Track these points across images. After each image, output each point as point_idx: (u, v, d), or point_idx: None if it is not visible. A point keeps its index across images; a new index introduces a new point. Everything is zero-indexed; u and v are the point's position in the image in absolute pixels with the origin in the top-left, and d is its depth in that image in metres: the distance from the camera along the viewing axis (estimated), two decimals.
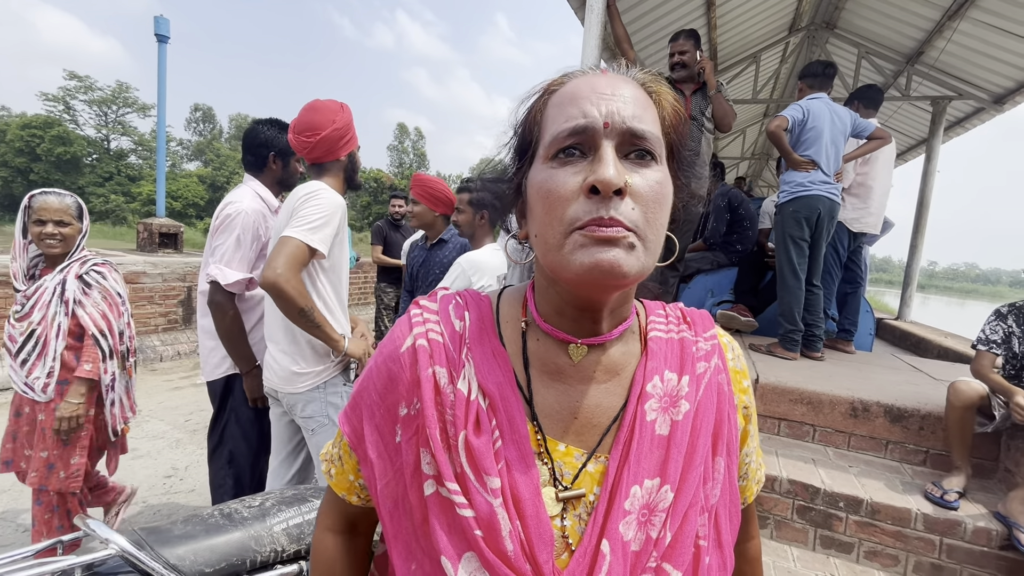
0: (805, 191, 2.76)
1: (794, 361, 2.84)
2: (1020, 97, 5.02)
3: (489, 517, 0.44)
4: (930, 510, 1.83)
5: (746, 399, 0.58)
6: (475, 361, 0.50)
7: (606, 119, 0.44)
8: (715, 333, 0.59)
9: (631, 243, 0.42)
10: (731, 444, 0.54)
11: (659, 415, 0.50)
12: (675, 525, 0.47)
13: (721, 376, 0.55)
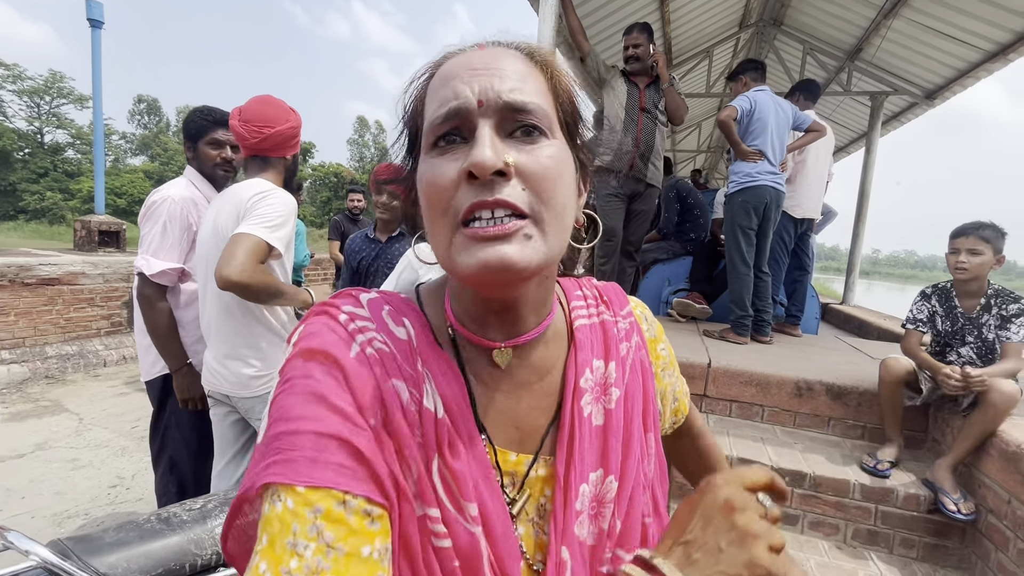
0: (753, 181, 2.86)
1: (745, 345, 2.95)
2: (949, 93, 5.34)
3: (471, 548, 0.41)
4: (867, 480, 1.94)
5: (662, 362, 0.61)
6: (433, 374, 0.45)
7: (479, 97, 0.40)
8: (630, 308, 0.60)
9: (527, 233, 0.39)
10: (656, 416, 0.55)
11: (593, 407, 0.50)
12: (622, 512, 0.48)
13: (642, 352, 0.57)
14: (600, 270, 3.31)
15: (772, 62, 7.01)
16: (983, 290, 2.02)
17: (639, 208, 3.26)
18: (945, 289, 2.10)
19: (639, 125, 3.10)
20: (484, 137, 0.39)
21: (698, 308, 3.53)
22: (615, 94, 3.17)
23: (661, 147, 3.22)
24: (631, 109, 3.11)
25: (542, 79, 0.45)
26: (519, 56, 0.45)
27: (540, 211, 0.40)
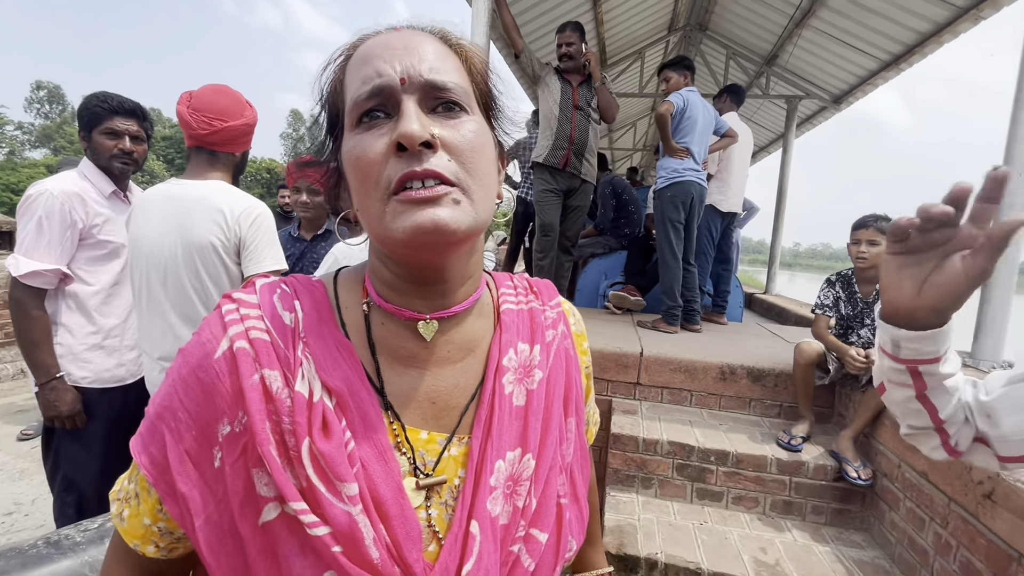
0: (680, 177, 3.00)
1: (675, 334, 3.10)
2: (853, 98, 5.84)
3: (349, 529, 0.40)
4: (782, 455, 2.10)
5: (587, 360, 0.63)
6: (315, 357, 0.45)
7: (402, 75, 0.42)
8: (559, 301, 0.61)
9: (455, 199, 0.41)
10: (579, 404, 0.57)
11: (515, 387, 0.51)
12: (539, 491, 0.48)
13: (567, 341, 0.59)
14: (538, 264, 3.36)
15: (699, 65, 7.37)
16: (879, 277, 2.22)
17: (575, 204, 3.33)
18: (847, 276, 2.30)
19: (573, 122, 3.16)
20: (410, 111, 0.41)
21: (632, 300, 3.66)
22: (549, 91, 3.22)
23: (595, 144, 3.30)
24: (565, 106, 3.17)
25: (457, 60, 0.47)
26: (434, 39, 0.47)
27: (465, 180, 0.42)
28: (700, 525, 2.01)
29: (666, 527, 1.97)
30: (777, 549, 1.88)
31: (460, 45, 0.49)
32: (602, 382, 2.60)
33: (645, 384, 2.57)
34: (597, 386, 2.60)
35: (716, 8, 6.03)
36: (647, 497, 2.18)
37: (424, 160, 0.41)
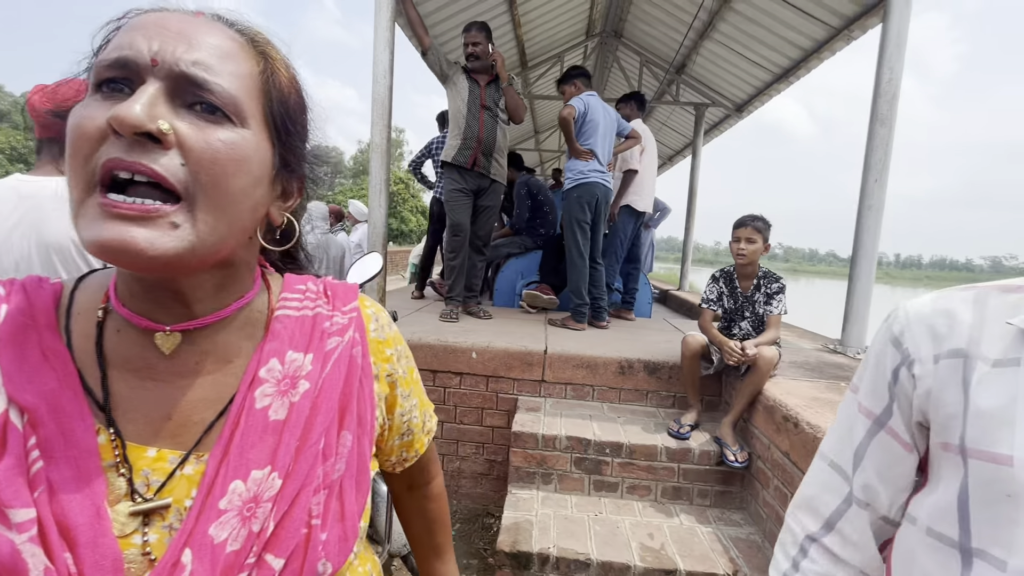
0: (585, 178, 3.08)
1: (583, 331, 3.18)
2: (752, 107, 6.29)
3: (12, 560, 0.35)
4: (671, 443, 2.20)
5: (390, 367, 0.59)
6: (4, 368, 0.40)
7: (155, 56, 0.37)
8: (356, 306, 0.58)
9: (174, 222, 0.37)
10: (363, 416, 0.53)
11: (274, 399, 0.47)
12: (280, 512, 0.45)
13: (356, 349, 0.55)
14: (449, 265, 3.33)
15: (616, 71, 7.66)
16: (755, 272, 2.39)
17: (485, 204, 3.33)
18: (728, 273, 2.46)
19: (480, 122, 3.16)
20: (142, 94, 0.36)
21: (546, 299, 3.73)
22: (457, 91, 3.20)
23: (504, 144, 3.31)
24: (472, 106, 3.16)
25: (251, 66, 0.43)
26: (227, 33, 0.42)
27: (197, 195, 0.38)
28: (595, 516, 2.07)
29: (562, 521, 2.01)
30: (664, 534, 1.97)
31: (266, 52, 0.45)
32: (508, 381, 2.62)
33: (549, 381, 2.62)
34: (503, 385, 2.62)
35: (629, 17, 6.29)
36: (547, 492, 2.22)
37: (144, 154, 0.36)
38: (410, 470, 0.68)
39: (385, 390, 0.58)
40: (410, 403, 0.63)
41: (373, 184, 3.12)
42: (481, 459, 2.67)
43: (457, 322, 3.17)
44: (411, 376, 0.63)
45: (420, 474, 0.70)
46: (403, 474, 0.69)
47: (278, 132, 0.46)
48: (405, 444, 0.64)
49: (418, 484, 0.72)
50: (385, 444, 0.62)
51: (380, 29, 3.01)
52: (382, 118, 3.06)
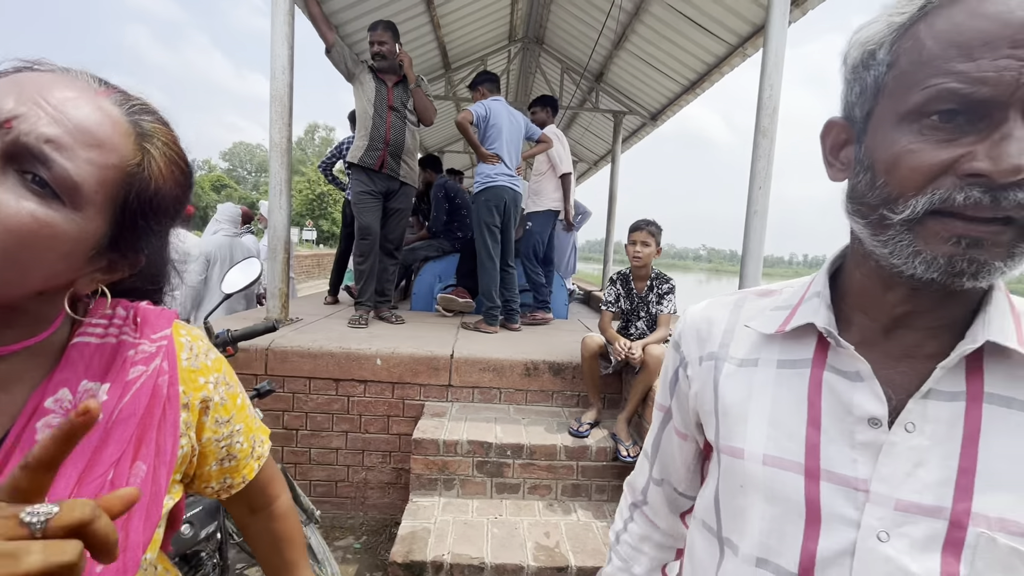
0: (492, 182, 3.11)
1: (495, 334, 3.20)
2: (665, 116, 6.63)
3: None
4: (570, 442, 2.26)
5: (204, 394, 0.58)
6: None
7: (10, 118, 0.37)
8: (168, 335, 0.56)
9: None
10: (163, 446, 0.52)
11: None
12: None
13: (163, 378, 0.53)
14: (358, 269, 3.23)
15: (539, 77, 7.81)
16: (649, 274, 2.51)
17: (395, 206, 3.27)
18: (625, 275, 2.56)
19: (388, 123, 3.10)
20: None
21: (461, 302, 3.71)
22: (363, 90, 3.12)
23: (414, 146, 3.27)
24: (379, 107, 3.09)
25: (119, 158, 0.42)
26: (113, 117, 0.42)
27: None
28: (495, 519, 2.07)
29: (461, 526, 2.00)
30: (560, 531, 2.01)
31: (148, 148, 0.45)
32: (415, 387, 2.58)
33: (456, 385, 2.60)
34: (410, 391, 2.57)
35: (549, 24, 6.43)
36: (448, 498, 2.20)
37: None
38: (246, 494, 0.68)
39: (195, 418, 0.57)
40: (230, 429, 0.62)
41: (273, 185, 2.96)
42: (388, 468, 2.60)
43: (366, 327, 3.08)
44: (233, 403, 0.63)
45: (259, 496, 0.71)
46: (240, 498, 0.68)
47: (122, 220, 0.45)
48: (228, 470, 0.63)
49: (260, 506, 0.72)
50: (201, 471, 0.61)
51: (278, 23, 2.87)
52: (281, 116, 2.92)
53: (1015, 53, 0.34)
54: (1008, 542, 0.37)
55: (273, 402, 2.50)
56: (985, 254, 0.36)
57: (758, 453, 0.48)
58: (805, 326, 0.48)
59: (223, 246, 4.03)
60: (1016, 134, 0.34)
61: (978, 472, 0.39)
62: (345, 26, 4.78)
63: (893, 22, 0.40)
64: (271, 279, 3.01)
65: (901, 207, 0.39)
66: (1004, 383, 0.40)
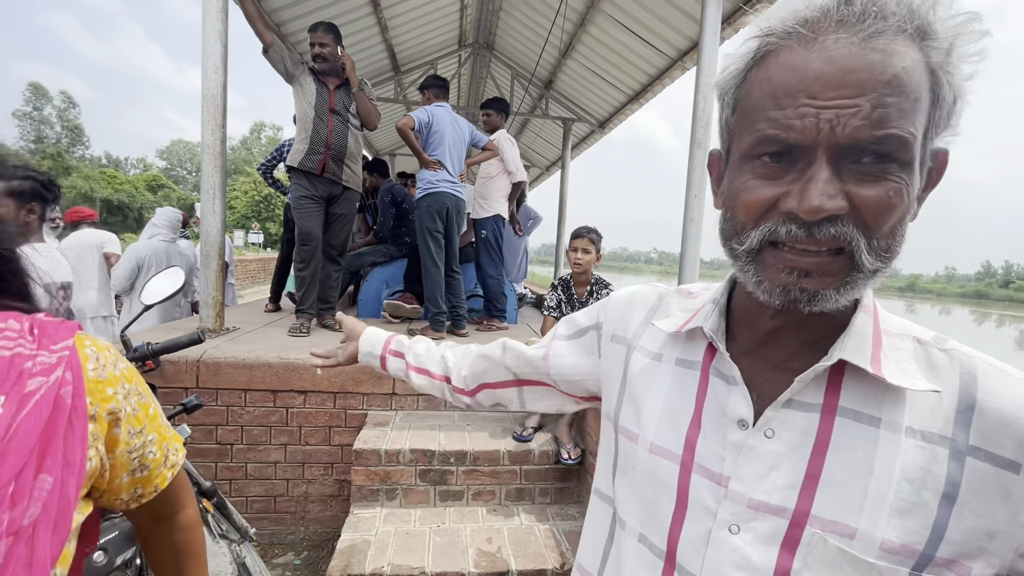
0: (434, 188, 3.10)
1: (442, 340, 3.18)
2: (612, 124, 6.82)
3: None
4: (513, 447, 2.28)
5: (112, 405, 0.57)
6: None
7: None
8: (70, 345, 0.55)
9: None
10: (70, 457, 0.51)
11: None
12: None
13: (65, 389, 0.52)
14: (299, 275, 3.14)
15: (490, 83, 7.85)
16: (589, 280, 2.58)
17: (338, 211, 3.20)
18: (566, 280, 2.62)
19: (329, 126, 3.03)
20: None
21: (408, 308, 3.68)
22: (303, 92, 3.04)
23: (357, 150, 3.21)
24: (320, 109, 3.02)
25: None
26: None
27: None
28: (438, 528, 2.07)
29: (402, 536, 1.98)
30: (503, 536, 2.03)
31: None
32: (357, 396, 2.53)
33: (401, 393, 2.57)
34: (352, 401, 2.52)
35: (498, 31, 6.48)
36: (391, 509, 2.17)
37: None
38: (153, 504, 0.67)
39: (104, 429, 0.57)
40: (142, 439, 0.62)
41: (206, 189, 2.83)
42: (330, 480, 2.54)
43: (307, 336, 3.00)
44: (145, 412, 0.63)
45: (165, 505, 0.70)
46: (144, 507, 0.67)
47: None
48: (140, 480, 0.63)
49: (164, 515, 0.71)
50: (112, 483, 0.60)
51: (210, 20, 2.76)
52: (214, 117, 2.80)
53: (812, 103, 0.37)
54: (836, 543, 0.40)
55: (205, 416, 2.39)
56: (815, 283, 0.40)
57: (648, 441, 0.52)
58: (698, 329, 0.52)
59: (159, 252, 3.81)
60: (818, 176, 0.38)
61: (822, 478, 0.42)
62: (287, 25, 4.66)
63: (736, 69, 0.44)
64: (204, 287, 2.88)
65: (744, 238, 0.43)
66: (857, 399, 0.43)
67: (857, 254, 0.39)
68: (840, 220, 0.38)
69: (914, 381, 0.42)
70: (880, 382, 0.42)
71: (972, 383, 0.41)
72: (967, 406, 0.41)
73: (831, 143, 0.38)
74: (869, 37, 0.37)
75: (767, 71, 0.41)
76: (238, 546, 1.58)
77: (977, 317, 51.05)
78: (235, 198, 40.72)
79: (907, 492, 0.40)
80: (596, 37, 5.24)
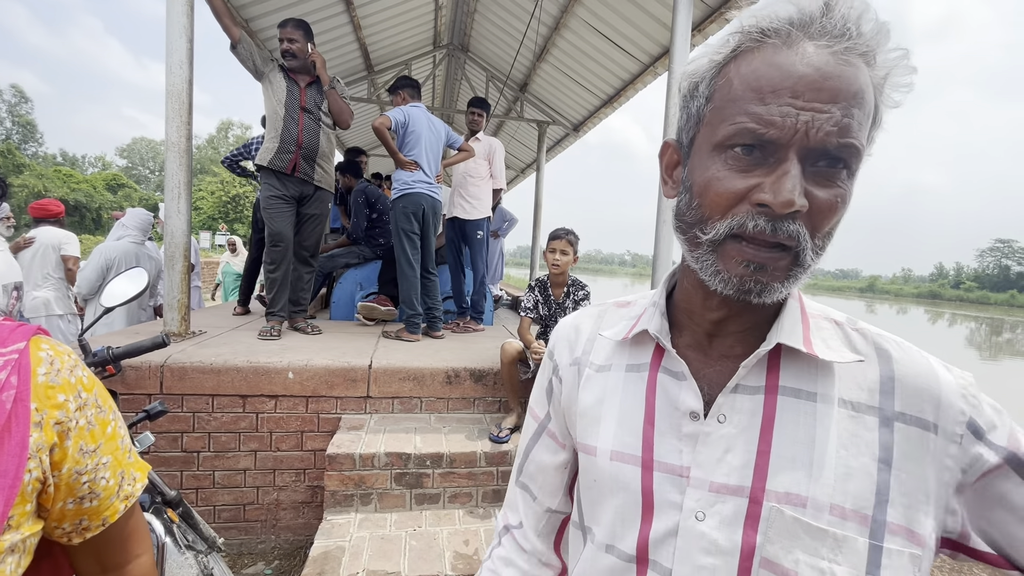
0: (410, 189, 3.07)
1: (418, 342, 3.16)
2: (586, 128, 6.89)
3: None
4: (490, 448, 2.28)
5: (60, 414, 0.52)
6: None
7: None
8: (21, 348, 0.52)
9: None
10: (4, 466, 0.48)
11: None
12: None
13: (7, 393, 0.49)
14: (270, 277, 3.07)
15: (464, 85, 7.84)
16: (566, 281, 2.60)
17: (310, 212, 3.14)
18: (543, 282, 2.63)
19: (300, 125, 2.97)
20: None
21: (383, 310, 3.63)
22: (273, 90, 2.97)
23: (329, 149, 3.16)
24: (291, 107, 2.96)
25: None
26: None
27: None
28: (414, 531, 2.04)
29: (377, 542, 1.95)
30: (480, 538, 2.01)
31: None
32: (330, 400, 2.48)
33: (375, 396, 2.54)
34: (325, 405, 2.47)
35: (473, 32, 6.48)
36: (366, 514, 2.14)
37: None
38: (101, 548, 0.60)
39: (50, 439, 0.52)
40: (95, 461, 0.56)
41: (170, 188, 2.74)
42: (303, 487, 2.48)
43: (278, 339, 2.92)
44: (103, 431, 0.57)
45: (115, 552, 0.62)
46: (91, 550, 0.60)
47: None
48: (88, 511, 0.57)
49: (114, 564, 0.62)
50: (53, 507, 0.54)
51: (174, 14, 2.67)
52: (180, 114, 2.71)
53: (794, 103, 0.39)
54: (792, 513, 0.42)
55: (170, 423, 2.31)
56: (767, 276, 0.42)
57: (607, 450, 0.53)
58: (644, 333, 0.54)
59: (128, 254, 3.68)
60: (791, 172, 0.39)
61: (772, 454, 0.44)
62: (255, 21, 4.55)
63: (713, 60, 0.44)
64: (169, 289, 2.78)
65: (708, 229, 0.44)
66: (795, 377, 0.46)
67: (802, 252, 0.41)
68: (796, 219, 0.40)
69: (841, 355, 0.45)
70: (813, 359, 0.46)
71: (888, 358, 0.46)
72: (888, 377, 0.45)
73: (803, 144, 0.39)
74: (845, 51, 0.39)
75: (751, 65, 0.41)
76: (205, 557, 1.53)
77: (931, 316, 53.55)
78: (201, 198, 39.42)
79: (845, 458, 0.43)
80: (570, 41, 5.29)
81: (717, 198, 0.43)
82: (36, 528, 0.53)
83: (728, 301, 0.47)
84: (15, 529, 0.49)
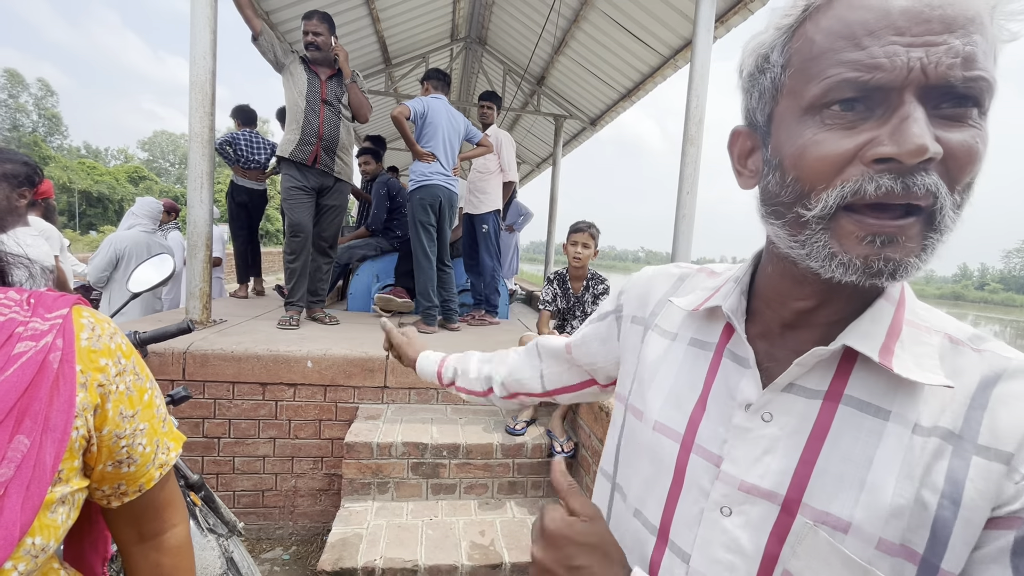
0: (427, 180, 3.07)
1: (434, 334, 3.16)
2: (603, 122, 6.83)
3: None
4: (506, 440, 2.28)
5: (102, 377, 0.55)
6: None
7: None
8: (64, 314, 0.54)
9: None
10: (53, 421, 0.50)
11: None
12: None
13: (54, 355, 0.52)
14: (289, 268, 3.09)
15: (481, 78, 7.81)
16: (585, 275, 2.58)
17: (329, 203, 3.16)
18: (561, 275, 2.62)
19: (321, 117, 2.99)
20: None
21: (400, 302, 3.65)
22: (294, 82, 2.99)
23: (349, 142, 3.17)
24: (312, 99, 2.98)
25: None
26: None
27: None
28: (430, 521, 2.05)
29: (394, 530, 1.96)
30: (496, 529, 2.02)
31: None
32: (348, 389, 2.50)
33: (392, 387, 2.55)
34: (343, 394, 2.49)
35: (491, 26, 6.45)
36: (383, 502, 2.15)
37: None
38: (139, 515, 0.63)
39: (94, 400, 0.54)
40: (133, 426, 0.58)
41: (193, 178, 2.77)
42: (320, 474, 2.51)
43: (297, 329, 2.95)
44: (140, 398, 0.59)
45: (152, 520, 0.64)
46: (130, 517, 0.63)
47: None
48: (125, 476, 0.59)
49: (151, 533, 0.65)
50: (96, 468, 0.57)
51: (199, 5, 2.70)
52: (203, 105, 2.74)
53: (899, 40, 0.34)
54: (828, 536, 0.38)
55: (192, 409, 2.35)
56: (899, 251, 0.35)
57: (652, 419, 0.52)
58: (717, 309, 0.50)
59: (139, 243, 3.73)
60: (915, 115, 0.34)
61: (816, 466, 0.40)
62: (276, 13, 4.58)
63: (781, 25, 0.40)
64: (191, 278, 2.82)
65: (813, 202, 0.38)
66: (866, 388, 0.41)
67: (939, 212, 0.35)
68: (931, 169, 0.34)
69: (925, 375, 0.38)
70: (892, 373, 0.39)
71: (993, 381, 0.38)
72: (980, 403, 0.38)
73: (920, 83, 0.34)
74: None
75: (834, 14, 0.37)
76: (226, 540, 1.55)
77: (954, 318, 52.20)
78: (222, 191, 40.06)
79: (906, 488, 0.37)
80: (589, 34, 5.24)
81: (818, 163, 0.37)
82: (83, 484, 0.55)
83: (824, 287, 0.41)
84: (65, 482, 0.52)
